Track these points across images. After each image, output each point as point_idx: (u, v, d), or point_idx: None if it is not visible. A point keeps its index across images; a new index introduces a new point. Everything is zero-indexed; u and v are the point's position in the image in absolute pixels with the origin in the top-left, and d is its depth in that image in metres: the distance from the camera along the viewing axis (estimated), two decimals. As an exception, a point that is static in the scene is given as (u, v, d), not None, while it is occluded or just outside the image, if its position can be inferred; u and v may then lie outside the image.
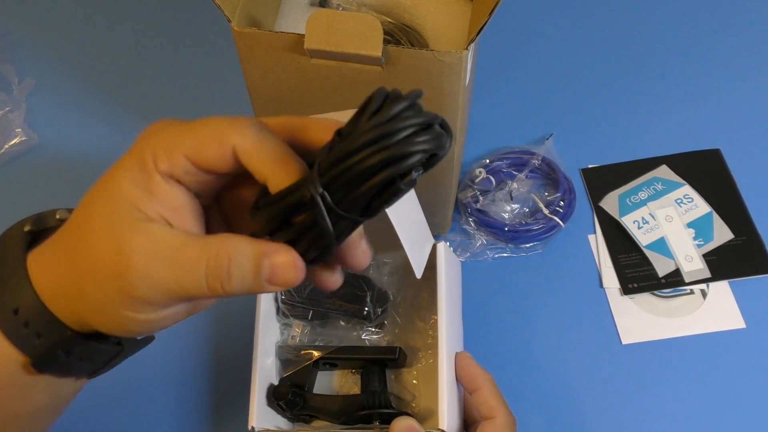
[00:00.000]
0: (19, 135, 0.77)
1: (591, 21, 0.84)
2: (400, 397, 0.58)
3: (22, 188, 0.76)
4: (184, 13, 0.87)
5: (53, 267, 0.34)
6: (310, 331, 0.61)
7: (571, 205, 0.70)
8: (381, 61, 0.49)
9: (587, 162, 0.74)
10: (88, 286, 0.33)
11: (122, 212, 0.32)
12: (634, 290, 0.66)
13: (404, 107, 0.29)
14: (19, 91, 0.81)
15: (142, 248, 0.31)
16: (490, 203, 0.70)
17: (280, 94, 0.55)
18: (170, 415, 0.63)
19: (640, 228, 0.69)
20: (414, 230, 0.51)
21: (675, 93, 0.78)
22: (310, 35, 0.49)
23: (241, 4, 0.52)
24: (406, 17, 0.62)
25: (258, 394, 0.55)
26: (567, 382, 0.63)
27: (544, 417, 0.62)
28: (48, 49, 0.86)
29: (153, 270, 0.31)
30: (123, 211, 0.32)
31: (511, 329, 0.66)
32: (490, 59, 0.77)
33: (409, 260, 0.50)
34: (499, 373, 0.55)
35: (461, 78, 0.50)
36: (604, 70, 0.80)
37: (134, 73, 0.83)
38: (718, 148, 0.74)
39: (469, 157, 0.74)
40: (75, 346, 0.35)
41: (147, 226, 0.31)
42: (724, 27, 0.82)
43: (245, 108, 0.59)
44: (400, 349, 0.58)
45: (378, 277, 0.61)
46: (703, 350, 0.64)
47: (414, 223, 0.51)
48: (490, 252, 0.69)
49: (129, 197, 0.32)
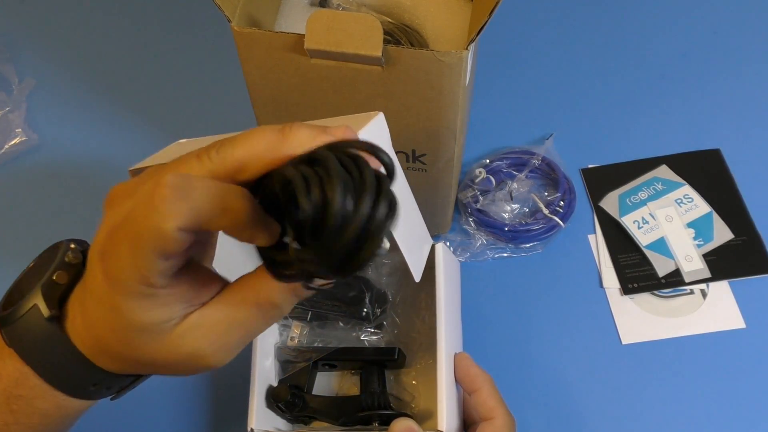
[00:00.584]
0: (19, 135, 0.77)
1: (591, 21, 0.84)
2: (399, 398, 0.58)
3: (22, 188, 0.76)
4: (184, 13, 0.87)
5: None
6: (309, 332, 0.60)
7: (571, 205, 0.70)
8: (381, 61, 0.49)
9: (587, 162, 0.74)
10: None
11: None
12: (634, 290, 0.66)
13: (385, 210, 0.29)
14: (19, 91, 0.81)
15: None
16: (490, 203, 0.70)
17: (280, 94, 0.54)
18: (169, 416, 0.63)
19: (640, 228, 0.69)
20: (411, 233, 0.51)
21: (675, 93, 0.78)
22: (310, 35, 0.49)
23: (241, 4, 0.52)
24: (406, 17, 0.62)
25: (257, 396, 0.54)
26: (567, 382, 0.63)
27: (544, 417, 0.61)
28: (48, 49, 0.85)
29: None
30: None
31: (511, 329, 0.66)
32: (490, 59, 0.77)
33: (408, 264, 0.50)
34: (499, 373, 0.55)
35: (461, 78, 0.50)
36: (605, 70, 0.80)
37: (134, 73, 0.83)
38: (718, 148, 0.74)
39: (469, 157, 0.74)
40: (102, 379, 0.36)
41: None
42: (724, 27, 0.82)
43: (245, 108, 0.59)
44: (399, 349, 0.58)
45: (377, 278, 0.61)
46: (703, 350, 0.63)
47: (411, 226, 0.51)
48: (490, 252, 0.69)
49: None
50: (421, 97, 0.52)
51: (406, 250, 0.48)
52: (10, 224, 0.74)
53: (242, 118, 0.63)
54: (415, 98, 0.52)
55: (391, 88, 0.51)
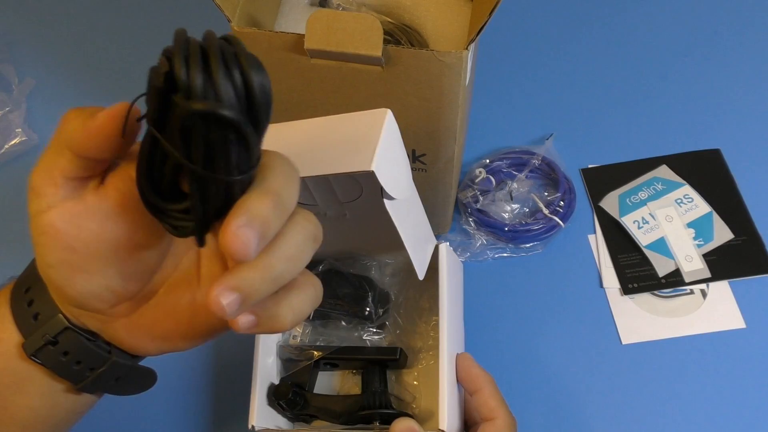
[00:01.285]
0: (19, 135, 0.77)
1: (591, 21, 0.84)
2: (400, 398, 0.58)
3: (22, 188, 0.76)
4: (184, 13, 0.87)
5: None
6: (312, 331, 0.61)
7: (571, 205, 0.70)
8: (381, 61, 0.49)
9: (587, 162, 0.74)
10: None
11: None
12: (634, 290, 0.66)
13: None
14: (19, 91, 0.81)
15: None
16: (490, 203, 0.70)
17: (280, 94, 0.54)
18: (171, 413, 0.63)
19: (640, 228, 0.69)
20: (416, 231, 0.51)
21: (675, 93, 0.78)
22: (310, 35, 0.49)
23: (241, 4, 0.52)
24: (406, 17, 0.62)
25: (259, 394, 0.55)
26: (567, 382, 0.63)
27: (545, 417, 0.62)
28: (48, 49, 0.86)
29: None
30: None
31: (511, 329, 0.66)
32: (490, 59, 0.77)
33: (412, 261, 0.50)
34: (499, 373, 0.55)
35: (461, 78, 0.50)
36: (605, 71, 0.80)
37: (134, 73, 0.83)
38: (718, 148, 0.74)
39: (469, 157, 0.74)
40: (63, 333, 0.36)
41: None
42: (724, 27, 0.82)
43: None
44: (401, 349, 0.58)
45: (380, 278, 0.61)
46: (703, 350, 0.64)
47: (416, 224, 0.51)
48: (490, 252, 0.69)
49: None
50: (421, 97, 0.52)
51: (411, 248, 0.48)
52: (10, 224, 0.74)
53: (242, 118, 0.63)
54: (415, 98, 0.52)
55: (391, 88, 0.51)
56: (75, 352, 0.36)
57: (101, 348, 0.37)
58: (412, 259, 0.49)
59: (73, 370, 0.37)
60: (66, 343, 0.36)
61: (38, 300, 0.36)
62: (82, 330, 0.36)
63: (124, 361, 0.38)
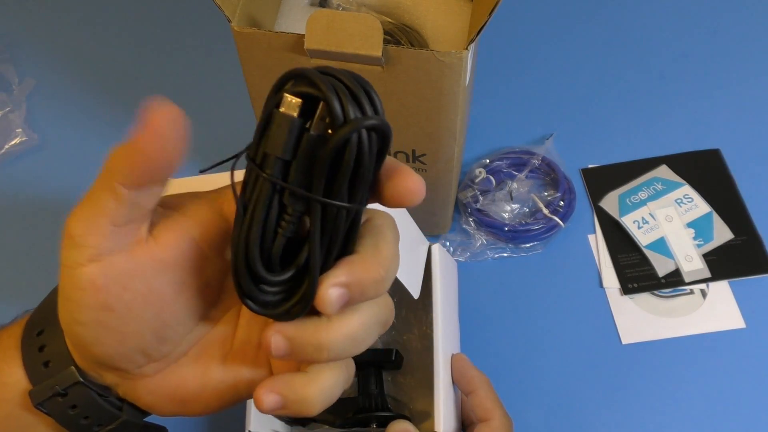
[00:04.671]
0: (19, 135, 0.77)
1: (591, 21, 0.84)
2: (396, 400, 0.58)
3: (22, 188, 0.76)
4: (184, 13, 0.87)
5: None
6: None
7: (571, 205, 0.70)
8: (381, 61, 0.49)
9: (587, 162, 0.74)
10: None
11: None
12: (634, 290, 0.66)
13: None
14: (19, 91, 0.81)
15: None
16: (490, 203, 0.70)
17: (280, 94, 0.54)
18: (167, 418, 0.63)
19: (640, 228, 0.69)
20: (405, 247, 0.50)
21: (675, 93, 0.78)
22: (310, 35, 0.49)
23: (241, 4, 0.52)
24: (406, 17, 0.62)
25: None
26: (567, 382, 0.63)
27: (544, 417, 0.61)
28: (48, 49, 0.86)
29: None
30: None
31: (511, 329, 0.66)
32: (490, 59, 0.77)
33: (403, 284, 0.49)
34: (499, 372, 0.55)
35: (461, 78, 0.50)
36: (604, 71, 0.80)
37: (134, 73, 0.83)
38: (718, 148, 0.74)
39: (469, 157, 0.74)
40: (74, 386, 0.32)
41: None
42: (723, 27, 0.82)
43: (245, 108, 0.59)
44: (396, 351, 0.58)
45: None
46: (703, 350, 0.64)
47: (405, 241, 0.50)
48: (490, 252, 0.69)
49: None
50: (421, 97, 0.52)
51: (401, 274, 0.47)
52: (10, 224, 0.74)
53: (242, 118, 0.63)
54: (415, 98, 0.52)
55: (391, 88, 0.51)
56: (84, 406, 0.33)
57: (113, 405, 0.34)
58: (403, 283, 0.48)
59: (81, 424, 0.34)
60: (75, 397, 0.33)
61: (50, 345, 0.32)
62: (95, 384, 0.33)
63: (135, 419, 0.35)
